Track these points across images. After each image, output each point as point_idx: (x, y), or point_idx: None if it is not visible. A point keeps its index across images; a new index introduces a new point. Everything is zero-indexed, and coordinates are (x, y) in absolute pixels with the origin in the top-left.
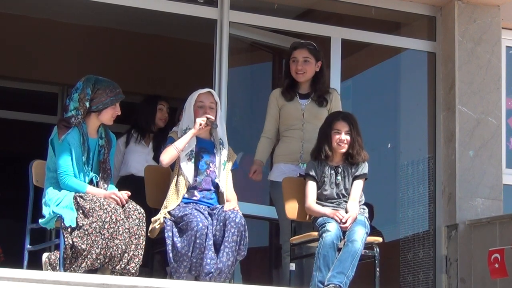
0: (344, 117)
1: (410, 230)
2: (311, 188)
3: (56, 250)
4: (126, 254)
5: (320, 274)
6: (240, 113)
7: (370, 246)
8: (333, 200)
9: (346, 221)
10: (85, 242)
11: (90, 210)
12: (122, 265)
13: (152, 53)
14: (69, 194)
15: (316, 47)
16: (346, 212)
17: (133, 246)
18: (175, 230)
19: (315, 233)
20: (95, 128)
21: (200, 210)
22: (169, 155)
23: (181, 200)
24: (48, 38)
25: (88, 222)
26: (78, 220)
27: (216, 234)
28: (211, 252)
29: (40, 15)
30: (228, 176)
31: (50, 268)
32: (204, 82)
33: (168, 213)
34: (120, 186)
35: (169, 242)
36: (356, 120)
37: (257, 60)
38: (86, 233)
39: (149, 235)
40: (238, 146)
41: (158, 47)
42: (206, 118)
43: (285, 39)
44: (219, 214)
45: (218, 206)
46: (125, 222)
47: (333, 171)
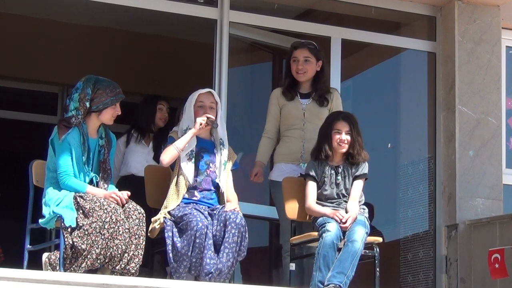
0: (344, 117)
1: (410, 230)
2: (311, 188)
3: (56, 250)
4: (126, 254)
5: (320, 274)
6: (240, 113)
7: (370, 246)
8: (333, 200)
9: (346, 221)
10: (85, 242)
11: (90, 210)
12: (122, 265)
13: (152, 53)
14: (69, 194)
15: (316, 47)
16: (346, 212)
17: (133, 246)
18: (175, 230)
19: (315, 233)
20: (95, 128)
21: (200, 210)
22: (169, 155)
23: (181, 200)
24: (48, 38)
25: (88, 222)
26: (78, 220)
27: (216, 234)
28: (211, 251)
29: (40, 15)
30: (228, 176)
31: (50, 268)
32: (204, 82)
33: (168, 213)
34: (120, 186)
35: (169, 242)
36: (356, 120)
37: (257, 60)
38: (86, 233)
39: (149, 235)
40: (238, 146)
41: (158, 47)
42: (207, 118)
43: (285, 39)
44: (220, 214)
45: (219, 206)
46: (125, 222)
47: (333, 171)
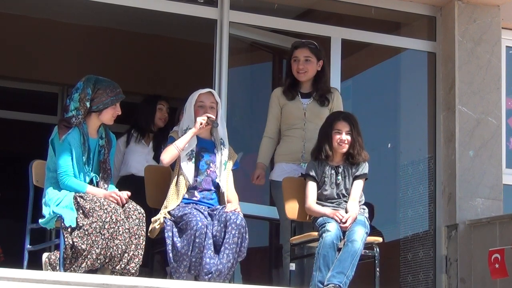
0: (345, 117)
1: (410, 230)
2: (311, 188)
3: (56, 250)
4: (126, 254)
5: (320, 274)
6: (240, 113)
7: (370, 246)
8: (333, 200)
9: (346, 221)
10: (85, 242)
11: (90, 210)
12: (122, 265)
13: (152, 53)
14: (69, 194)
15: (317, 46)
16: (346, 212)
17: (133, 246)
18: (175, 230)
19: (315, 233)
20: (96, 128)
21: (199, 210)
22: (169, 154)
23: (181, 200)
24: (48, 38)
25: (88, 222)
26: (78, 220)
27: (216, 235)
28: (211, 251)
29: (40, 15)
30: (229, 176)
31: (50, 268)
32: (204, 82)
33: (168, 213)
34: (120, 186)
35: (169, 242)
36: (356, 120)
37: (257, 60)
38: (86, 233)
39: (149, 235)
40: (238, 146)
41: (158, 47)
42: (207, 117)
43: (285, 39)
44: (220, 215)
45: (219, 207)
46: (125, 222)
47: (333, 171)
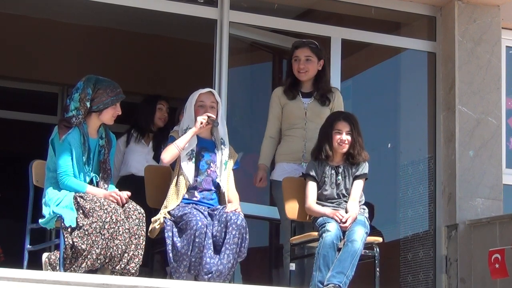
0: (345, 117)
1: (410, 230)
2: (311, 188)
3: (56, 250)
4: (126, 254)
5: (320, 274)
6: (240, 113)
7: (370, 246)
8: (333, 200)
9: (346, 221)
10: (85, 242)
11: (90, 210)
12: (122, 265)
13: (152, 53)
14: (69, 194)
15: (318, 46)
16: (346, 212)
17: (133, 246)
18: (175, 230)
19: (315, 233)
20: (96, 128)
21: (199, 210)
22: (170, 154)
23: (181, 200)
24: (48, 38)
25: (88, 222)
26: (78, 220)
27: (216, 235)
28: (211, 251)
29: (40, 15)
30: (229, 175)
31: (50, 268)
32: (204, 82)
33: (168, 213)
34: (120, 186)
35: (169, 242)
36: (357, 120)
37: (257, 60)
38: (86, 233)
39: (149, 235)
40: (238, 146)
41: (158, 47)
42: (207, 117)
43: (285, 39)
44: (221, 215)
45: (219, 207)
46: (125, 222)
47: (333, 171)
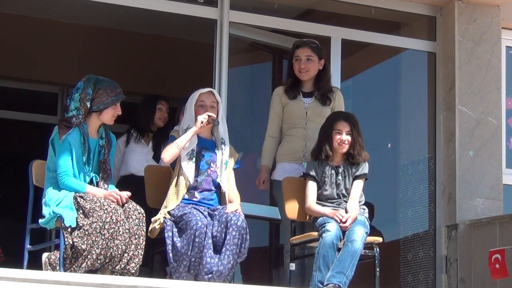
0: (345, 117)
1: (410, 230)
2: (311, 188)
3: (56, 250)
4: (126, 254)
5: (319, 274)
6: (240, 113)
7: (370, 246)
8: (333, 200)
9: (346, 221)
10: (85, 242)
11: (91, 210)
12: (122, 265)
13: (152, 53)
14: (69, 194)
15: (318, 45)
16: (346, 212)
17: (133, 246)
18: (175, 230)
19: (315, 233)
20: (96, 128)
21: (199, 210)
22: (170, 153)
23: (181, 200)
24: (48, 38)
25: (88, 222)
26: (78, 220)
27: (217, 235)
28: (211, 251)
29: (40, 15)
30: (230, 175)
31: (50, 268)
32: (204, 82)
33: (167, 213)
34: (120, 186)
35: (169, 242)
36: (357, 120)
37: (257, 60)
38: (86, 233)
39: (149, 235)
40: (238, 146)
41: (158, 47)
42: (208, 116)
43: (285, 39)
44: (221, 215)
45: (219, 207)
46: (125, 223)
47: (333, 171)
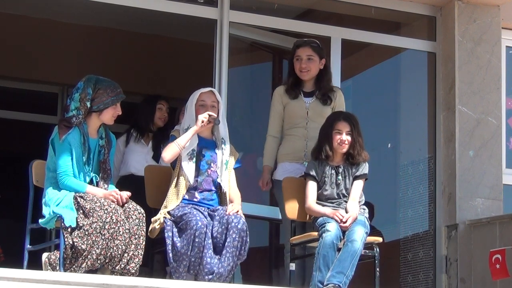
0: (345, 117)
1: (410, 230)
2: (311, 188)
3: (56, 250)
4: (126, 254)
5: (320, 274)
6: (240, 113)
7: (370, 246)
8: (333, 200)
9: (346, 220)
10: (85, 242)
11: (91, 210)
12: (122, 265)
13: (152, 53)
14: (69, 194)
15: (319, 45)
16: (346, 212)
17: (133, 246)
18: (175, 230)
19: (315, 233)
20: (96, 128)
21: (199, 210)
22: (171, 152)
23: (181, 200)
24: (48, 38)
25: (88, 222)
26: (78, 220)
27: (217, 236)
28: (211, 251)
29: (40, 15)
30: (230, 174)
31: (50, 268)
32: (204, 82)
33: (167, 213)
34: (120, 186)
35: (169, 242)
36: (357, 120)
37: (257, 60)
38: (86, 233)
39: (149, 235)
40: (238, 146)
41: (158, 47)
42: (208, 115)
43: (285, 39)
44: (221, 216)
45: (219, 207)
46: (125, 223)
47: (333, 171)
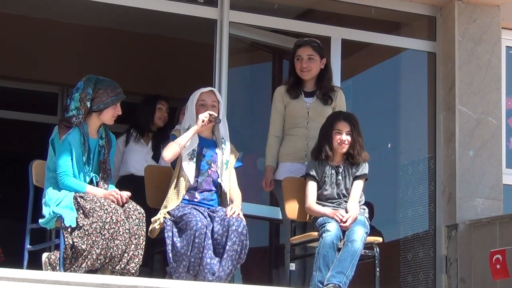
0: (345, 117)
1: (410, 230)
2: (312, 188)
3: (56, 250)
4: (126, 254)
5: (320, 274)
6: (240, 113)
7: (370, 246)
8: (333, 200)
9: (346, 220)
10: (85, 243)
11: (91, 210)
12: (122, 265)
13: (152, 53)
14: (69, 194)
15: (320, 44)
16: (346, 212)
17: (133, 246)
18: (175, 230)
19: (315, 233)
20: (96, 128)
21: (199, 210)
22: (171, 151)
23: (181, 200)
24: (48, 38)
25: (88, 222)
26: (79, 220)
27: (217, 238)
28: (211, 251)
29: (40, 15)
30: (231, 174)
31: (50, 268)
32: (204, 82)
33: (167, 213)
34: (120, 186)
35: (169, 242)
36: (357, 120)
37: (257, 60)
38: (86, 233)
39: (149, 235)
40: (238, 146)
41: (158, 47)
42: (209, 115)
43: (285, 39)
44: (222, 218)
45: (219, 208)
46: (125, 223)
47: (333, 171)
